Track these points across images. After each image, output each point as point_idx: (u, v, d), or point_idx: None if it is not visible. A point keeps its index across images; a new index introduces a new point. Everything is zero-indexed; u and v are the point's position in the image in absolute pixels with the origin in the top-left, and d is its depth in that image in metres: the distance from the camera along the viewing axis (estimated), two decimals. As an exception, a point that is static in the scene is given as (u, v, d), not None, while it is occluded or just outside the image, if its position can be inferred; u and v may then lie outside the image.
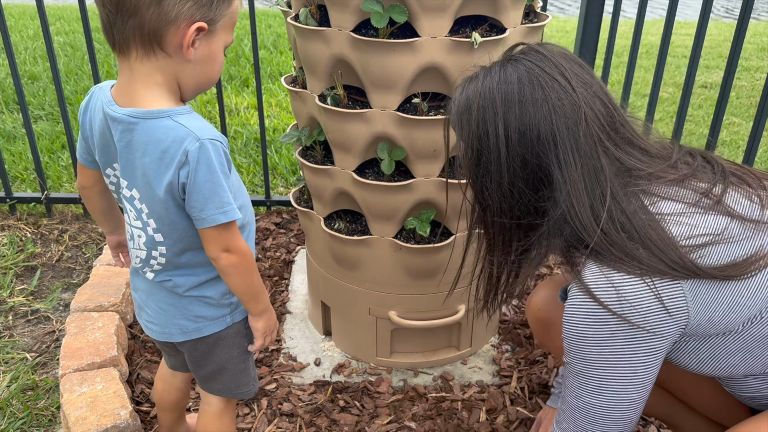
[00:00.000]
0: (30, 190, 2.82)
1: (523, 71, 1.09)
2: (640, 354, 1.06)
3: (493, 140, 1.09)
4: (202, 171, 1.05)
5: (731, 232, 1.04)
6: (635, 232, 1.03)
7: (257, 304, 1.23)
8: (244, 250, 1.15)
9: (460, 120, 1.13)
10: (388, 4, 1.40)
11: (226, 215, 1.09)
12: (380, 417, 1.71)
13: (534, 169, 1.09)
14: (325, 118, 1.57)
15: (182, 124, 1.06)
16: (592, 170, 1.06)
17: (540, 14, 1.68)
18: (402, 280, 1.72)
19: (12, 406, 1.76)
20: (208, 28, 1.04)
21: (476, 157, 1.12)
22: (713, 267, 1.02)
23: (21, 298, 2.20)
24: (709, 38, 5.39)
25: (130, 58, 1.05)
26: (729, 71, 2.20)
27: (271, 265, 2.33)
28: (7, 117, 3.50)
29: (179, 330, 1.24)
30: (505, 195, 1.12)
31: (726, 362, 1.10)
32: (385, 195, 1.58)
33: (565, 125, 1.06)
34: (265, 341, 1.29)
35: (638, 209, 1.05)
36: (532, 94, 1.07)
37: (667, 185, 1.09)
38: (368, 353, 1.88)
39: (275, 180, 2.98)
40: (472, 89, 1.13)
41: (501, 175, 1.10)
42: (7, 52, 2.35)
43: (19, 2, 6.14)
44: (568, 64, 1.10)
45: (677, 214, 1.05)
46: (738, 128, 3.67)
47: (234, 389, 1.34)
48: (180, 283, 1.20)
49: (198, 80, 1.10)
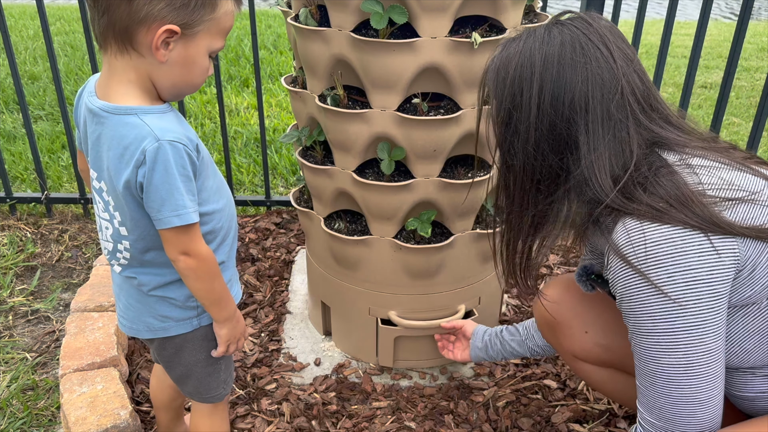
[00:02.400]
0: (30, 190, 2.82)
1: (567, 35, 1.08)
2: (698, 306, 1.02)
3: (526, 100, 1.09)
4: (158, 171, 1.05)
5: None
6: (658, 187, 1.04)
7: (220, 310, 1.21)
8: (204, 255, 1.14)
9: (497, 76, 1.12)
10: (388, 4, 1.40)
11: (180, 218, 1.08)
12: (380, 417, 1.71)
13: (561, 134, 1.09)
14: (325, 118, 1.57)
15: (146, 123, 1.05)
16: (618, 142, 1.07)
17: (540, 14, 1.68)
18: (402, 280, 1.72)
19: (12, 406, 1.76)
20: (181, 32, 1.03)
21: (507, 116, 1.12)
22: (746, 227, 1.01)
23: (21, 298, 2.20)
24: (709, 38, 5.39)
25: (108, 53, 1.06)
26: (729, 71, 2.20)
27: (271, 265, 2.33)
28: (7, 117, 3.51)
29: (146, 327, 1.24)
30: (528, 156, 1.12)
31: (741, 345, 1.10)
32: (385, 195, 1.59)
33: (600, 93, 1.06)
34: (228, 349, 1.27)
35: (663, 166, 1.06)
36: (572, 58, 1.07)
37: (702, 150, 1.09)
38: (368, 353, 1.88)
39: (275, 180, 2.98)
40: (513, 48, 1.12)
41: (528, 136, 1.10)
42: (7, 52, 2.35)
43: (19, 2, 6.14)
44: (612, 36, 1.10)
45: (709, 167, 1.06)
46: (738, 128, 3.67)
47: (203, 393, 1.34)
48: (145, 282, 1.20)
49: (174, 82, 1.09)
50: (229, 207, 1.24)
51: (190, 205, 1.09)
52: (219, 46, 1.10)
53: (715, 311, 1.03)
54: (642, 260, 1.03)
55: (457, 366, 1.89)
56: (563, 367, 1.87)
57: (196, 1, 1.03)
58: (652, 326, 1.05)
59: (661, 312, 1.03)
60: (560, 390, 1.79)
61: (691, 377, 1.05)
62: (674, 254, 1.01)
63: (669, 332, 1.04)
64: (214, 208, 1.17)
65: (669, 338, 1.04)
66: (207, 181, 1.15)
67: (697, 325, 1.02)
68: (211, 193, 1.16)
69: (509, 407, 1.74)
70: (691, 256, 1.00)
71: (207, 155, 1.16)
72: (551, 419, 1.69)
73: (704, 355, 1.04)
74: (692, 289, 1.01)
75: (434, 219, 1.64)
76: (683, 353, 1.04)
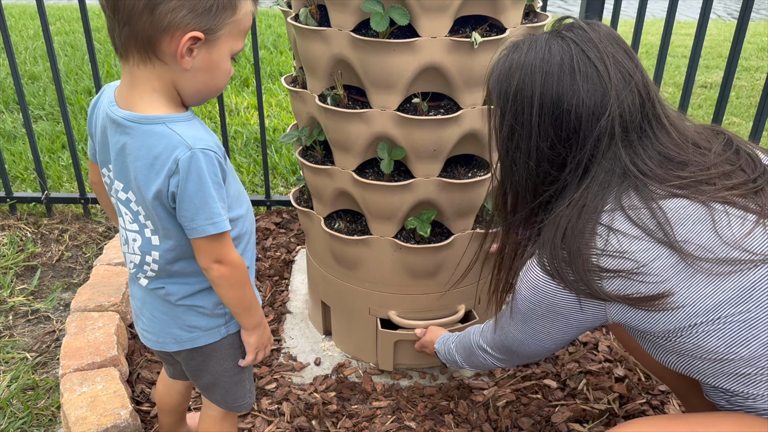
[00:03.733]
0: (30, 189, 2.82)
1: (567, 53, 1.09)
2: (558, 326, 1.19)
3: (527, 118, 1.11)
4: (192, 181, 1.04)
5: (656, 269, 1.04)
6: (571, 240, 1.09)
7: (249, 317, 1.21)
8: (236, 262, 1.13)
9: (500, 87, 1.14)
10: (388, 4, 1.40)
11: (215, 226, 1.07)
12: (380, 417, 1.71)
13: (560, 155, 1.12)
14: (325, 118, 1.57)
15: (176, 131, 1.04)
16: (587, 169, 1.11)
17: (540, 14, 1.68)
18: (402, 280, 1.72)
19: (12, 406, 1.76)
20: (205, 38, 1.02)
21: (510, 131, 1.15)
22: (617, 295, 1.07)
23: (21, 297, 2.20)
24: (709, 38, 5.39)
25: (129, 63, 1.05)
26: (729, 71, 2.20)
27: (271, 264, 2.33)
28: (7, 117, 3.51)
29: (173, 339, 1.23)
30: (531, 173, 1.15)
31: (665, 358, 1.14)
32: (385, 195, 1.59)
33: (588, 117, 1.08)
34: (257, 356, 1.27)
35: (590, 219, 1.08)
36: (570, 80, 1.08)
37: (676, 189, 1.08)
38: (368, 353, 1.88)
39: (275, 180, 2.98)
40: (515, 59, 1.13)
41: (530, 155, 1.13)
42: (7, 51, 2.35)
43: (19, 2, 6.14)
44: (613, 48, 1.10)
45: (622, 234, 1.07)
46: (738, 128, 3.67)
47: (230, 402, 1.33)
48: (173, 291, 1.18)
49: (198, 88, 1.08)
50: (250, 212, 1.23)
51: (223, 213, 1.08)
52: (240, 47, 1.09)
53: (554, 338, 1.22)
54: (518, 291, 1.21)
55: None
56: (563, 366, 1.87)
57: (217, 6, 1.01)
58: (517, 312, 1.24)
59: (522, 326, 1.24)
60: (560, 390, 1.79)
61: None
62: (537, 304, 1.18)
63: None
64: (238, 213, 1.17)
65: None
66: (230, 187, 1.14)
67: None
68: (233, 198, 1.15)
69: (509, 407, 1.74)
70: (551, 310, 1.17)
71: (230, 163, 1.15)
72: (551, 419, 1.69)
73: (535, 348, 1.27)
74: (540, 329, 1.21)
75: (434, 219, 1.64)
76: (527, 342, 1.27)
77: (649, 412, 1.71)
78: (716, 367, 1.06)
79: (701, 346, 1.05)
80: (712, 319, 1.03)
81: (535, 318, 1.20)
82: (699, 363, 1.08)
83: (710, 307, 1.03)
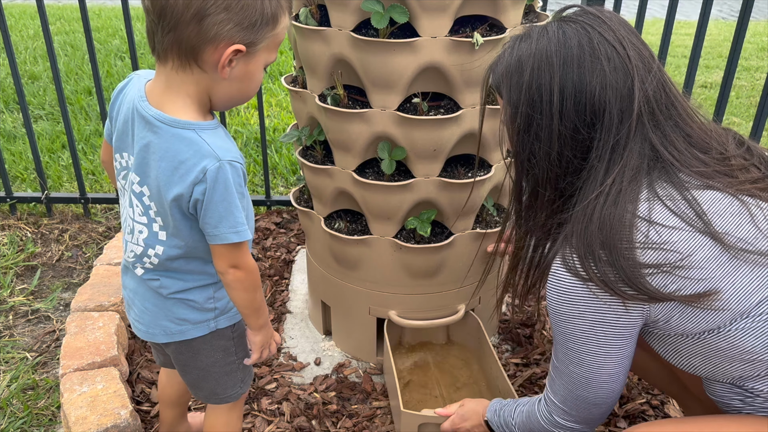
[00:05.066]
0: (30, 189, 2.82)
1: (584, 35, 1.04)
2: (608, 334, 1.08)
3: (546, 105, 1.05)
4: (219, 191, 1.07)
5: (700, 261, 1.00)
6: (608, 235, 1.02)
7: (257, 319, 1.24)
8: (251, 268, 1.16)
9: (510, 82, 1.08)
10: (388, 4, 1.40)
11: (238, 235, 1.10)
12: (380, 417, 1.71)
13: (584, 139, 1.05)
14: (326, 117, 1.57)
15: (206, 141, 1.07)
16: (616, 154, 1.04)
17: (540, 14, 1.68)
18: (402, 280, 1.72)
19: (12, 406, 1.76)
20: (246, 50, 1.04)
21: (526, 123, 1.08)
22: (666, 293, 1.01)
23: (21, 297, 2.20)
24: (709, 38, 5.39)
25: (167, 66, 1.07)
26: (729, 71, 2.20)
27: (271, 264, 2.33)
28: (7, 117, 3.51)
29: (162, 331, 1.24)
30: (552, 163, 1.08)
31: (684, 361, 1.10)
32: (385, 195, 1.59)
33: (615, 98, 1.03)
34: (262, 355, 1.29)
35: (626, 210, 1.02)
36: (591, 60, 1.03)
37: (699, 178, 1.05)
38: (368, 353, 1.88)
39: (275, 180, 2.98)
40: (525, 49, 1.07)
41: (551, 143, 1.07)
42: (7, 51, 2.35)
43: (19, 2, 6.14)
44: (626, 32, 1.07)
45: (662, 225, 1.01)
46: (738, 128, 3.67)
47: (220, 393, 1.34)
48: (166, 285, 1.20)
49: (232, 96, 1.11)
50: (251, 219, 1.25)
51: (245, 222, 1.11)
52: (273, 58, 1.11)
53: (609, 346, 1.10)
54: (553, 312, 1.11)
55: (457, 366, 1.89)
56: (563, 366, 1.87)
57: (261, 20, 1.03)
58: (564, 338, 1.13)
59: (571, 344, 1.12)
60: (560, 390, 1.79)
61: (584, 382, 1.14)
62: (575, 315, 1.08)
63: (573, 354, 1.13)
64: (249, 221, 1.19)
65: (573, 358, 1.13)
66: (247, 197, 1.17)
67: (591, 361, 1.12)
68: (248, 208, 1.18)
69: (509, 407, 1.74)
70: (594, 320, 1.07)
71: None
72: (551, 419, 1.69)
73: (601, 376, 1.12)
74: (589, 343, 1.10)
75: (434, 218, 1.64)
76: (581, 371, 1.13)
77: (649, 412, 1.71)
78: (745, 368, 1.03)
79: (736, 344, 1.01)
80: (752, 315, 1.00)
81: (580, 335, 1.09)
82: (726, 364, 1.04)
83: (754, 303, 1.00)
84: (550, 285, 1.09)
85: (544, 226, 1.16)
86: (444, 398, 1.71)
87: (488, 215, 1.76)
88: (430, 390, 1.77)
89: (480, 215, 1.76)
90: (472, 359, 1.85)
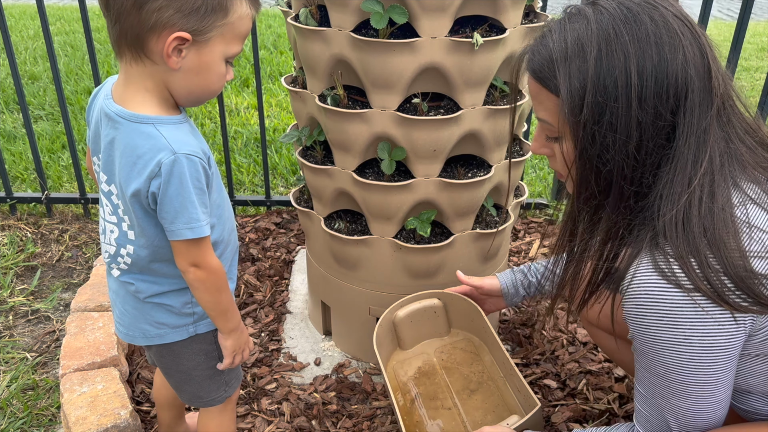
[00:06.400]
0: (30, 190, 2.82)
1: (651, 8, 0.93)
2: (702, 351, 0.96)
3: (622, 91, 0.92)
4: (174, 185, 1.05)
5: None
6: (714, 234, 0.91)
7: (226, 322, 1.22)
8: (214, 267, 1.14)
9: (568, 68, 0.94)
10: (388, 4, 1.40)
11: (193, 231, 1.08)
12: (380, 417, 1.71)
13: (664, 127, 0.94)
14: (325, 118, 1.57)
15: (162, 134, 1.05)
16: (702, 141, 0.93)
17: (540, 14, 1.68)
18: (402, 280, 1.72)
19: (12, 406, 1.76)
20: (193, 39, 1.02)
21: (596, 113, 0.94)
22: None
23: (21, 297, 2.20)
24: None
25: (124, 60, 1.06)
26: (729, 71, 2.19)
27: (271, 265, 2.33)
28: (7, 117, 3.51)
29: (142, 334, 1.24)
30: (630, 156, 0.95)
31: (746, 380, 1.04)
32: (385, 195, 1.59)
33: (697, 77, 0.92)
34: (234, 360, 1.27)
35: (725, 206, 0.92)
36: (670, 38, 0.91)
37: (760, 183, 0.97)
38: (368, 353, 1.88)
39: (275, 180, 2.98)
40: (582, 29, 0.94)
41: (629, 133, 0.93)
42: (7, 52, 2.35)
43: (19, 2, 6.14)
44: (683, 13, 0.96)
45: (762, 230, 0.92)
46: (738, 128, 3.67)
47: (203, 396, 1.34)
48: (142, 289, 1.20)
49: (190, 89, 1.09)
50: (230, 221, 1.24)
51: (203, 218, 1.09)
52: (236, 50, 1.08)
53: (719, 371, 0.98)
54: (640, 323, 0.98)
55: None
56: (563, 366, 1.87)
57: (206, 7, 1.01)
58: (661, 367, 1.01)
59: (670, 362, 0.99)
60: (560, 390, 1.79)
61: (686, 409, 1.02)
62: (677, 327, 0.95)
63: (674, 376, 1.00)
64: (213, 222, 1.18)
65: (672, 382, 1.01)
66: (211, 196, 1.15)
67: (700, 377, 0.99)
68: (213, 207, 1.16)
69: (509, 407, 1.74)
70: (698, 332, 0.95)
71: (216, 170, 1.16)
72: (551, 419, 1.69)
73: (704, 396, 1.00)
74: (697, 356, 0.97)
75: (434, 219, 1.64)
76: (685, 397, 1.01)
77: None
78: None
79: None
80: None
81: (686, 361, 0.96)
82: None
83: None
84: (641, 300, 0.96)
85: (612, 229, 1.03)
86: (459, 409, 1.67)
87: (488, 215, 1.76)
88: (441, 401, 1.73)
89: (480, 215, 1.76)
90: (482, 350, 1.79)
